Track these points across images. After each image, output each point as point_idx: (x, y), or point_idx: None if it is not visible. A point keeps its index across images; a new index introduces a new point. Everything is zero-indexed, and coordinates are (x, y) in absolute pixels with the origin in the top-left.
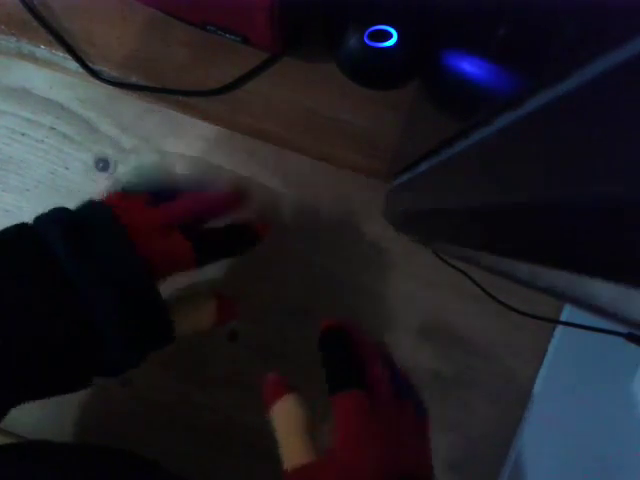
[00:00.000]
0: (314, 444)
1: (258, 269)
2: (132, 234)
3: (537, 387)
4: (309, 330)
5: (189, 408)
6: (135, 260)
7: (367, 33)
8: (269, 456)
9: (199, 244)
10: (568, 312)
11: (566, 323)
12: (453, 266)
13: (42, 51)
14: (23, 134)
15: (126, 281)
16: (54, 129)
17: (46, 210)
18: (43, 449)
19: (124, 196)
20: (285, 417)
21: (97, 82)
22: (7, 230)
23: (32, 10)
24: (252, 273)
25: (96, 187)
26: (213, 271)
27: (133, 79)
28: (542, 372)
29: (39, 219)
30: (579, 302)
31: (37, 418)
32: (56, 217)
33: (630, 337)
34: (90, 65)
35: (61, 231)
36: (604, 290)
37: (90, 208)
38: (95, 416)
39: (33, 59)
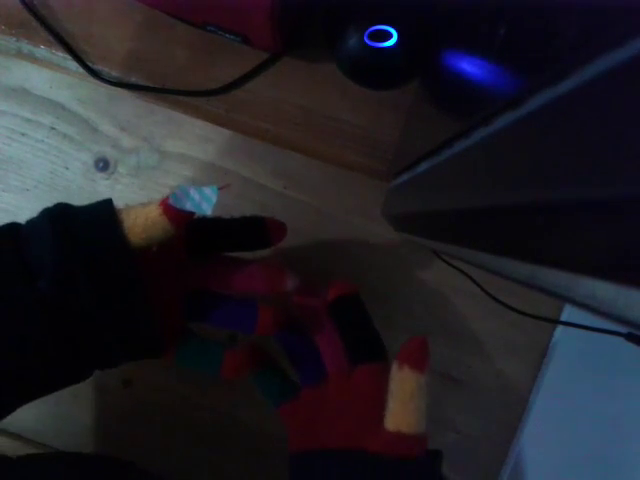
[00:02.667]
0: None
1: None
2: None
3: (537, 387)
4: None
5: (189, 408)
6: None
7: (367, 33)
8: (269, 456)
9: (194, 236)
10: (568, 312)
11: (566, 323)
12: (453, 266)
13: (42, 51)
14: (23, 134)
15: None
16: (54, 129)
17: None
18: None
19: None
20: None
21: (97, 82)
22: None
23: (32, 10)
24: None
25: (96, 187)
26: None
27: (133, 79)
28: (542, 372)
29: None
30: (579, 302)
31: (36, 418)
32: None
33: (630, 337)
34: (90, 65)
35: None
36: (604, 290)
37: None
38: (95, 416)
39: (33, 59)
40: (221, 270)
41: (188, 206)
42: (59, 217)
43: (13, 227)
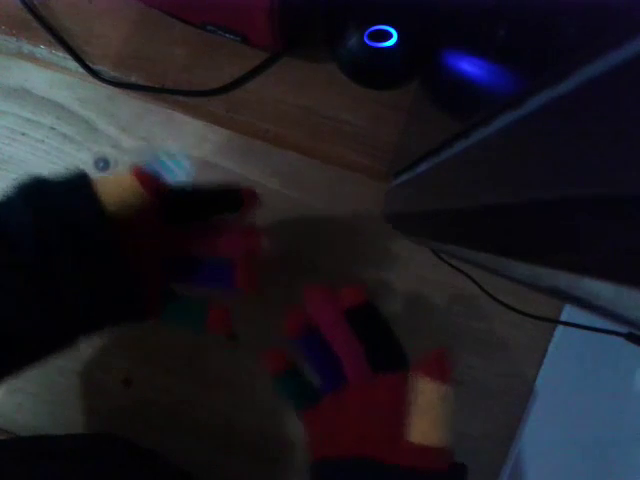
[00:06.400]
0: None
1: (258, 269)
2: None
3: (537, 387)
4: None
5: (189, 408)
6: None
7: (367, 33)
8: (269, 456)
9: (170, 205)
10: (568, 312)
11: (566, 323)
12: (453, 266)
13: (42, 51)
14: (23, 134)
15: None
16: (54, 129)
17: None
18: (37, 445)
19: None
20: (433, 399)
21: (97, 82)
22: None
23: (32, 10)
24: None
25: None
26: None
27: (133, 79)
28: (542, 372)
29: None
30: (579, 302)
31: (36, 418)
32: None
33: (630, 337)
34: (90, 65)
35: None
36: (604, 290)
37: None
38: (95, 416)
39: (33, 59)
40: (199, 235)
41: (161, 172)
42: (34, 188)
43: None
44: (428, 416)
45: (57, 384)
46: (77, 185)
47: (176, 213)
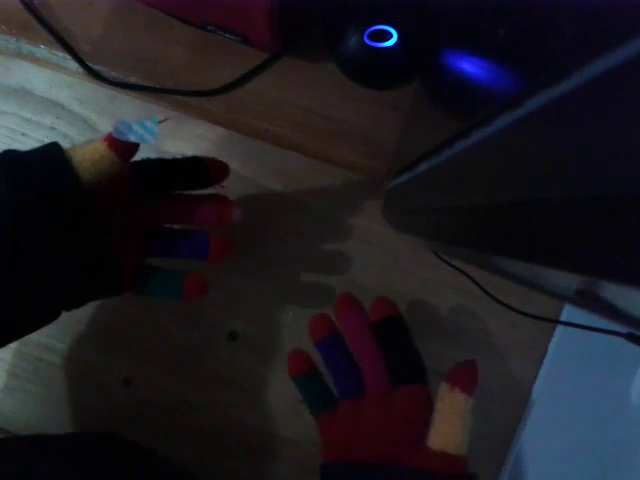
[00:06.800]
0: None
1: (258, 269)
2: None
3: (537, 387)
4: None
5: (189, 408)
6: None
7: (367, 33)
8: (269, 456)
9: (141, 177)
10: (568, 312)
11: (566, 323)
12: (453, 266)
13: (42, 51)
14: (23, 134)
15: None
16: (54, 129)
17: None
18: (36, 444)
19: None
20: (455, 409)
21: (97, 82)
22: None
23: (32, 10)
24: (252, 273)
25: None
26: (211, 271)
27: (133, 79)
28: (542, 372)
29: None
30: (579, 302)
31: (36, 418)
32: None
33: (630, 337)
34: (90, 65)
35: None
36: (605, 290)
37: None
38: (94, 416)
39: (33, 59)
40: (171, 207)
41: (132, 138)
42: (7, 159)
43: None
44: (451, 425)
45: (57, 383)
46: (50, 153)
47: (145, 184)
